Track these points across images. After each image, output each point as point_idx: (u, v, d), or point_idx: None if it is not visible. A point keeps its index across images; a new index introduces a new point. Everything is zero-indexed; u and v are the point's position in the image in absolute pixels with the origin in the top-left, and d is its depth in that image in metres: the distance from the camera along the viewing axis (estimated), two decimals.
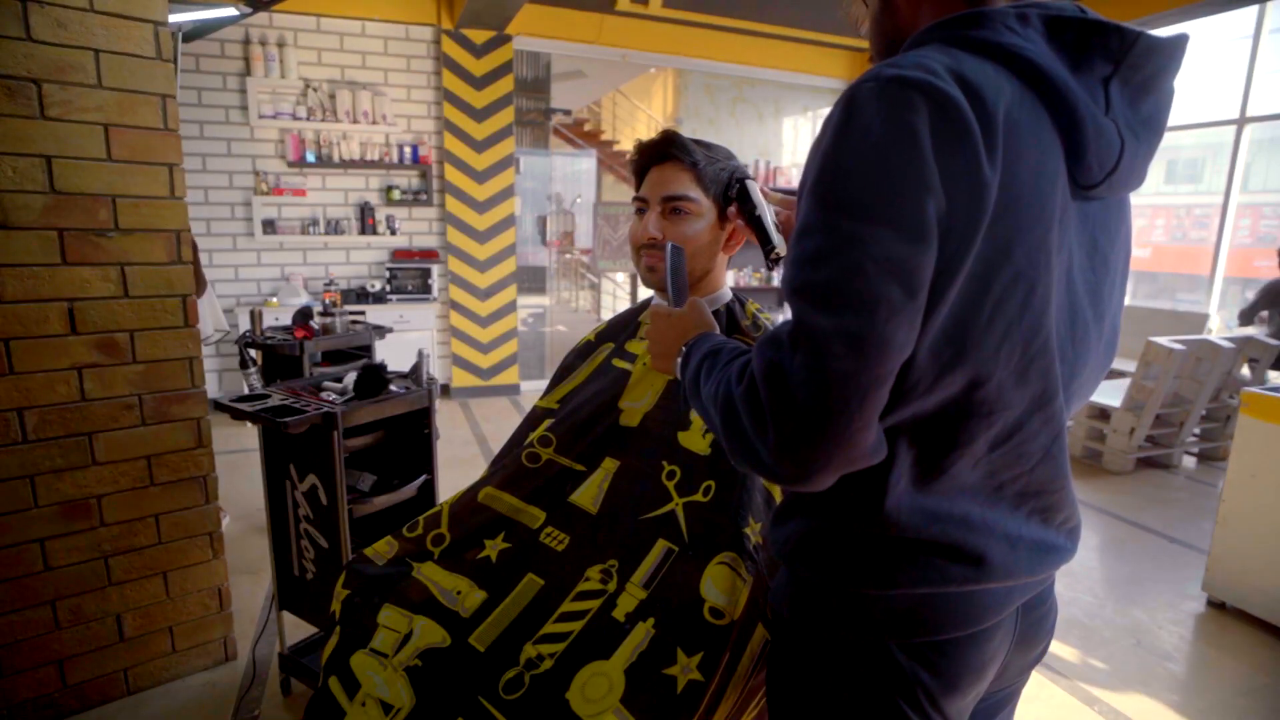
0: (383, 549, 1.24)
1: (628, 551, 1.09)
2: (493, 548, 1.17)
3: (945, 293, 0.58)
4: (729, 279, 1.30)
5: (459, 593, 1.12)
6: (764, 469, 0.62)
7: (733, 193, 1.14)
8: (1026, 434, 0.68)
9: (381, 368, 1.89)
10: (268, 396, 1.77)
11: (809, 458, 0.59)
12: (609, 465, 1.19)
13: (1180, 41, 0.67)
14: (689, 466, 1.12)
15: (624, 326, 1.35)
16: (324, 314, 2.94)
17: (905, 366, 0.60)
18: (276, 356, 2.82)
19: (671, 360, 0.89)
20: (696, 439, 1.14)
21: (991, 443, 0.67)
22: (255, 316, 2.88)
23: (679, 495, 1.11)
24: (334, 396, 1.80)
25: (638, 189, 1.19)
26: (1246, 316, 4.63)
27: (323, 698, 1.08)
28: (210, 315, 3.84)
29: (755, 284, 5.81)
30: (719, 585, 1.01)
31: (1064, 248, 0.65)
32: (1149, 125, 0.69)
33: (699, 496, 1.10)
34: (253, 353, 2.77)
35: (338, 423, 1.68)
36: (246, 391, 1.92)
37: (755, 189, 1.11)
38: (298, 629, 2.12)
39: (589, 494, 1.17)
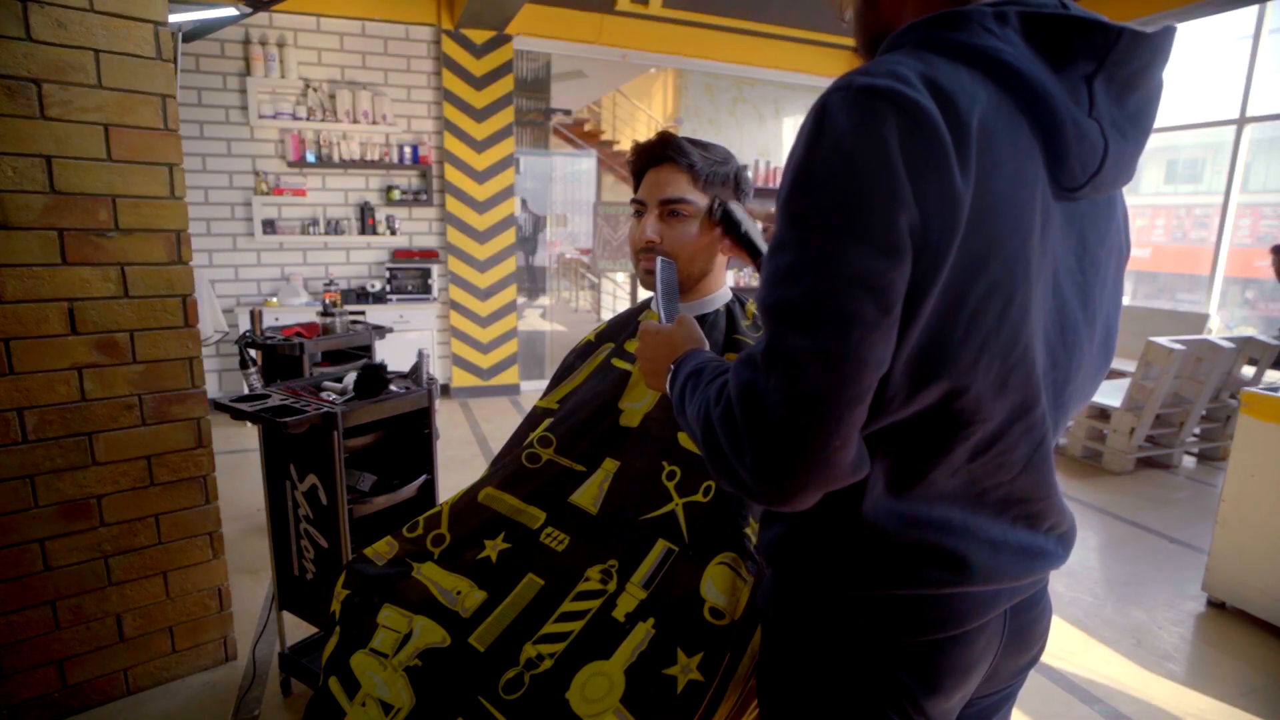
0: (383, 549, 1.24)
1: (628, 552, 1.09)
2: (493, 548, 1.17)
3: (920, 307, 0.57)
4: (729, 279, 1.30)
5: (459, 593, 1.12)
6: (745, 490, 0.62)
7: (715, 218, 1.15)
8: (1007, 444, 0.67)
9: (381, 368, 1.89)
10: (268, 396, 1.77)
11: (788, 479, 0.59)
12: (609, 466, 1.18)
13: (1167, 34, 0.65)
14: (689, 467, 1.12)
15: (623, 326, 1.35)
16: (324, 314, 2.94)
17: (881, 380, 0.59)
18: (276, 356, 2.82)
19: (662, 378, 0.89)
20: None
21: (971, 452, 0.66)
22: (255, 316, 2.88)
23: (679, 495, 1.11)
24: (334, 396, 1.80)
25: (636, 191, 1.20)
26: None
27: (323, 698, 1.08)
28: (210, 316, 3.84)
29: (755, 284, 5.80)
30: (719, 585, 1.01)
31: (1047, 253, 0.64)
32: (1136, 121, 0.67)
33: (699, 497, 1.10)
34: (253, 353, 2.77)
35: (338, 423, 1.68)
36: (246, 391, 1.92)
37: (738, 208, 1.13)
38: (298, 629, 2.12)
39: (589, 494, 1.17)
